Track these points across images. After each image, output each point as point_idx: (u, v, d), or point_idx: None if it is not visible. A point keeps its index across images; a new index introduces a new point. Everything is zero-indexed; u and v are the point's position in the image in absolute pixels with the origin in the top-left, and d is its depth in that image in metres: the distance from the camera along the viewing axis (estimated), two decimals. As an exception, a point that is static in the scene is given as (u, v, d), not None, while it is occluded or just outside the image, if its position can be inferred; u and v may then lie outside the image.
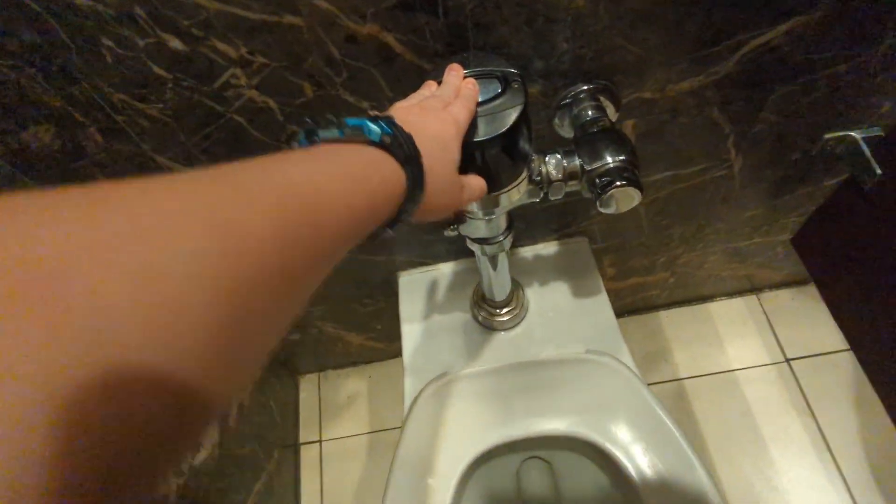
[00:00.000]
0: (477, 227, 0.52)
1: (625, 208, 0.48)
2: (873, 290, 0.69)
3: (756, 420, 0.99)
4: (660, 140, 0.60)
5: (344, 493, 1.03)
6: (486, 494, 0.82)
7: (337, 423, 1.09)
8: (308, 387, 1.14)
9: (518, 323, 0.72)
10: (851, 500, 0.92)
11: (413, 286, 0.78)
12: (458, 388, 0.68)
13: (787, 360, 1.04)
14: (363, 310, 0.90)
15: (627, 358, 0.68)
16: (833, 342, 1.04)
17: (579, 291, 0.74)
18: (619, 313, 0.66)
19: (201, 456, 0.72)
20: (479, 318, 0.72)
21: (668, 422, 0.62)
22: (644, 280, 0.95)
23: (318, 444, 1.08)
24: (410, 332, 0.74)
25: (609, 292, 0.73)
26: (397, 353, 0.78)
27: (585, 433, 0.64)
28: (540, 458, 0.84)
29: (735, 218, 0.80)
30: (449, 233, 0.51)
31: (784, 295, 1.10)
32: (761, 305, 1.09)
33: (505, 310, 0.71)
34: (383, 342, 1.03)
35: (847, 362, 1.02)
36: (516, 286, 0.72)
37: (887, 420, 0.97)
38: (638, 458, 0.62)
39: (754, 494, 0.94)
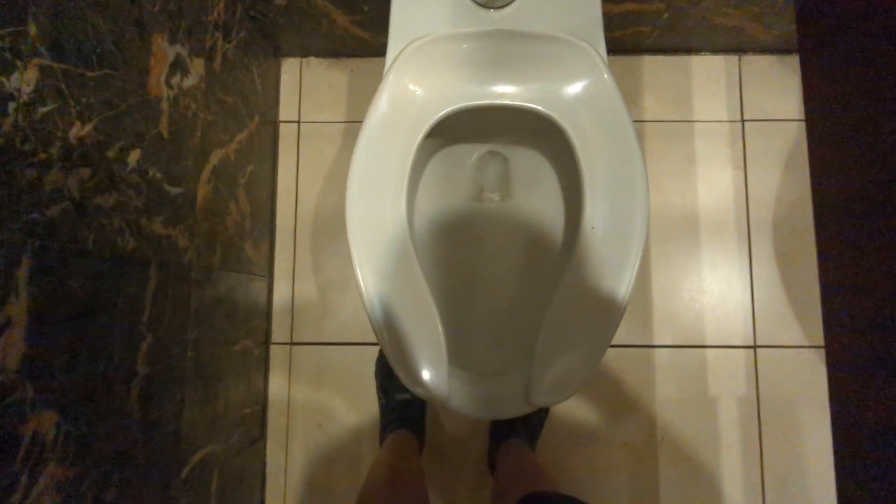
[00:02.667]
0: None
1: None
2: (859, 57, 0.71)
3: (696, 167, 1.10)
4: None
5: (318, 170, 1.13)
6: (444, 175, 0.93)
7: (316, 108, 1.15)
8: (290, 70, 1.16)
9: (510, 2, 0.73)
10: (748, 243, 1.09)
11: (410, -52, 0.76)
12: (436, 50, 0.71)
13: (743, 121, 1.11)
14: (354, -21, 0.88)
15: (602, 51, 0.73)
16: (789, 112, 1.11)
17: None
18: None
19: (189, 80, 0.76)
20: (472, -8, 0.73)
21: (622, 110, 0.69)
22: (638, 8, 0.94)
23: (296, 123, 1.14)
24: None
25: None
26: (380, 51, 0.79)
27: (545, 109, 0.71)
28: (499, 152, 0.94)
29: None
30: None
31: (764, 61, 1.12)
32: (739, 67, 1.12)
33: (498, -16, 0.71)
34: (369, 31, 1.03)
35: (793, 132, 1.11)
36: (515, -38, 0.72)
37: (804, 186, 1.10)
38: (590, 144, 0.70)
39: (673, 212, 1.09)
